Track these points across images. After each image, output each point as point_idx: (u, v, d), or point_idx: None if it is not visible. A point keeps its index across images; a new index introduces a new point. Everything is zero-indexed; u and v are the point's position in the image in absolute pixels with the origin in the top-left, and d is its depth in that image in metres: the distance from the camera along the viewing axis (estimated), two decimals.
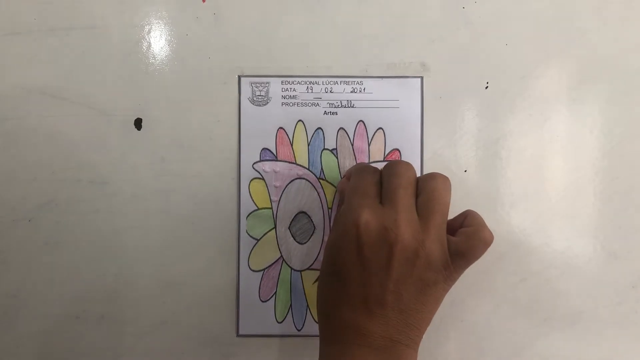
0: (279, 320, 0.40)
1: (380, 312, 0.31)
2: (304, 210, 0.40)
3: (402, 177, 0.32)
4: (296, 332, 0.40)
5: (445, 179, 0.33)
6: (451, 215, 0.34)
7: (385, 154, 0.40)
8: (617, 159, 0.40)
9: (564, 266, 0.40)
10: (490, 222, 0.39)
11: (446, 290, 0.33)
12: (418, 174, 0.39)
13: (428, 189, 0.32)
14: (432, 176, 0.33)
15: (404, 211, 0.31)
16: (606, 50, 0.40)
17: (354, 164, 0.40)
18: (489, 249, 0.39)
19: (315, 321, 0.40)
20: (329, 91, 0.40)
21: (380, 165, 0.40)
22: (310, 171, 0.40)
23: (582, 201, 0.40)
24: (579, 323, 0.40)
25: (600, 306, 0.40)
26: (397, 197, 0.31)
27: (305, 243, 0.40)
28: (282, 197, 0.40)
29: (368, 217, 0.31)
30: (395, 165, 0.33)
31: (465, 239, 0.32)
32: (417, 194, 0.32)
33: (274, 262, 0.40)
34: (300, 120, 0.40)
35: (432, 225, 0.31)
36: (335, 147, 0.40)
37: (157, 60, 0.40)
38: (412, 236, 0.30)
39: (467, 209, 0.35)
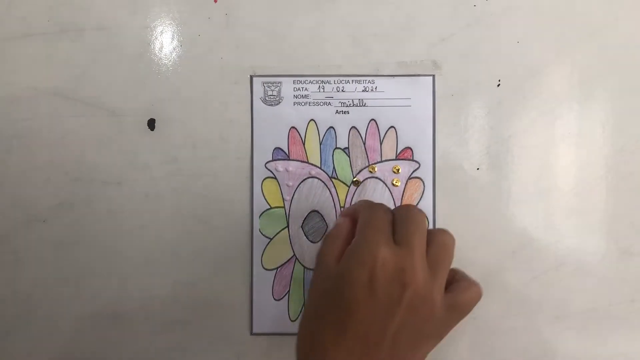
0: (293, 319, 0.40)
1: (375, 354, 0.30)
2: (316, 209, 0.40)
3: (418, 224, 0.32)
4: None
5: (452, 237, 0.33)
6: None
7: (397, 152, 0.40)
8: (629, 156, 0.40)
9: (576, 263, 0.40)
10: (502, 220, 0.40)
11: (432, 347, 0.32)
12: (430, 177, 0.40)
13: (438, 242, 0.32)
14: (443, 231, 0.33)
15: (419, 256, 0.31)
16: (618, 47, 0.40)
17: (366, 162, 0.40)
18: (502, 246, 0.40)
19: None
20: (340, 90, 0.40)
21: (391, 164, 0.40)
22: (323, 170, 0.40)
23: (594, 198, 0.40)
24: (592, 321, 0.40)
25: (613, 304, 0.40)
26: (414, 242, 0.31)
27: (317, 242, 0.40)
28: (294, 196, 0.40)
29: (386, 254, 0.30)
30: (411, 210, 0.33)
31: (462, 292, 0.32)
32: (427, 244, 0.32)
33: (287, 261, 0.40)
34: (312, 120, 0.40)
35: (439, 277, 0.31)
36: (347, 146, 0.40)
37: (170, 60, 0.40)
38: (424, 283, 0.30)
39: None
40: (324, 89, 0.40)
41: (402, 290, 0.30)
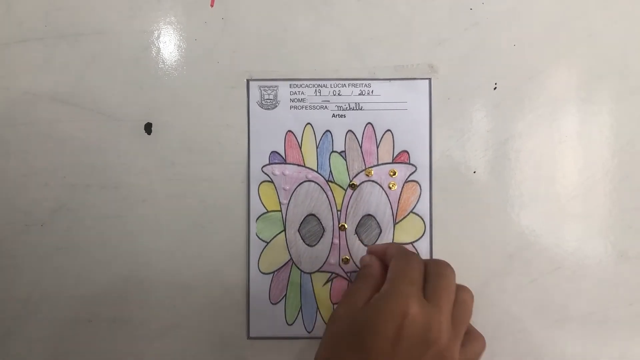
0: (289, 323, 0.40)
1: None
2: (313, 212, 0.40)
3: (449, 282, 0.33)
4: (306, 335, 0.40)
5: (472, 294, 0.34)
6: None
7: (394, 155, 0.40)
8: (627, 158, 0.40)
9: (574, 267, 0.40)
10: (500, 223, 0.40)
11: None
12: (426, 180, 0.40)
13: (461, 299, 0.33)
14: (465, 288, 0.34)
15: (447, 315, 0.31)
16: (615, 49, 0.40)
17: (363, 166, 0.40)
18: (499, 250, 0.40)
19: (326, 323, 0.40)
20: (337, 94, 0.40)
21: (387, 168, 0.40)
22: (319, 174, 0.40)
23: (593, 201, 0.40)
24: (590, 324, 0.40)
25: (612, 307, 0.40)
26: (443, 300, 0.31)
27: (314, 245, 0.40)
28: (291, 200, 0.40)
29: (416, 309, 0.30)
30: (443, 266, 0.34)
31: (471, 346, 0.33)
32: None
33: (284, 265, 0.40)
34: (308, 123, 0.40)
35: (459, 335, 0.32)
36: (343, 149, 0.40)
37: (167, 65, 0.40)
38: (448, 342, 0.30)
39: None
40: (320, 92, 0.40)
41: (425, 349, 0.30)
